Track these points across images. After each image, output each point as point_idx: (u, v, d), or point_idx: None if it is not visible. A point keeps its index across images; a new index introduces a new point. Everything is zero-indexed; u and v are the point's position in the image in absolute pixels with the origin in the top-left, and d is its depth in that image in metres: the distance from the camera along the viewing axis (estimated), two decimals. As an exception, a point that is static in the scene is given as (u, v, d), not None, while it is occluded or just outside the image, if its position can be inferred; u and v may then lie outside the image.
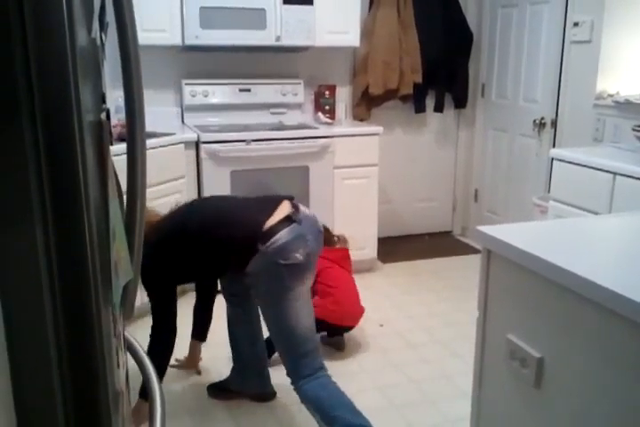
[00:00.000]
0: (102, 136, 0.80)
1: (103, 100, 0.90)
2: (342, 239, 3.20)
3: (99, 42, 0.90)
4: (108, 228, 0.85)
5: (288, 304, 2.00)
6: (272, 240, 1.94)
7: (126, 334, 1.39)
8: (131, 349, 1.37)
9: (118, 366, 0.94)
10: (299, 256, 1.95)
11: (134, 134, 1.03)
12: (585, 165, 2.68)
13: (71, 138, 0.70)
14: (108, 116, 0.91)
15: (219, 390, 2.51)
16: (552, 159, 2.94)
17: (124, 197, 1.16)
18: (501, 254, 1.40)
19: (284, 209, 2.03)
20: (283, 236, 1.95)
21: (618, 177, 2.51)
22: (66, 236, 0.72)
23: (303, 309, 2.03)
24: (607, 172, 2.56)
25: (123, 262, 0.99)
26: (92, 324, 0.78)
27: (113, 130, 2.66)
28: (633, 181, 2.44)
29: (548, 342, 1.28)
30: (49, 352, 0.73)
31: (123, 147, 1.07)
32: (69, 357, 0.75)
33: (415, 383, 2.38)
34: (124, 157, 1.07)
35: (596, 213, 2.56)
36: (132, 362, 1.33)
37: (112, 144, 1.07)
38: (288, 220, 1.99)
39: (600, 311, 1.12)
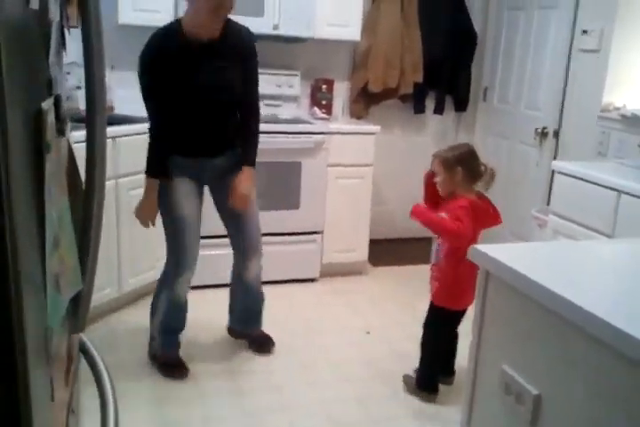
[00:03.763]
0: (41, 128, 0.66)
1: (49, 86, 0.76)
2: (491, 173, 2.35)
3: (51, 15, 0.75)
4: (44, 236, 0.71)
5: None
6: None
7: (81, 336, 1.28)
8: (87, 351, 1.27)
9: (52, 399, 0.80)
10: None
11: (93, 118, 0.90)
12: (588, 181, 2.56)
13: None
14: (57, 103, 0.77)
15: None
16: (553, 171, 2.81)
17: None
18: (500, 277, 1.29)
19: None
20: None
21: (623, 195, 2.39)
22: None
23: None
24: (612, 189, 2.44)
25: (69, 273, 0.85)
26: (13, 348, 0.64)
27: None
28: (639, 201, 2.31)
29: (546, 377, 1.17)
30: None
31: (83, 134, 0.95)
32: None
33: (403, 397, 2.24)
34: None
35: (598, 232, 2.45)
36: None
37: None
38: None
39: (601, 348, 1.02)
